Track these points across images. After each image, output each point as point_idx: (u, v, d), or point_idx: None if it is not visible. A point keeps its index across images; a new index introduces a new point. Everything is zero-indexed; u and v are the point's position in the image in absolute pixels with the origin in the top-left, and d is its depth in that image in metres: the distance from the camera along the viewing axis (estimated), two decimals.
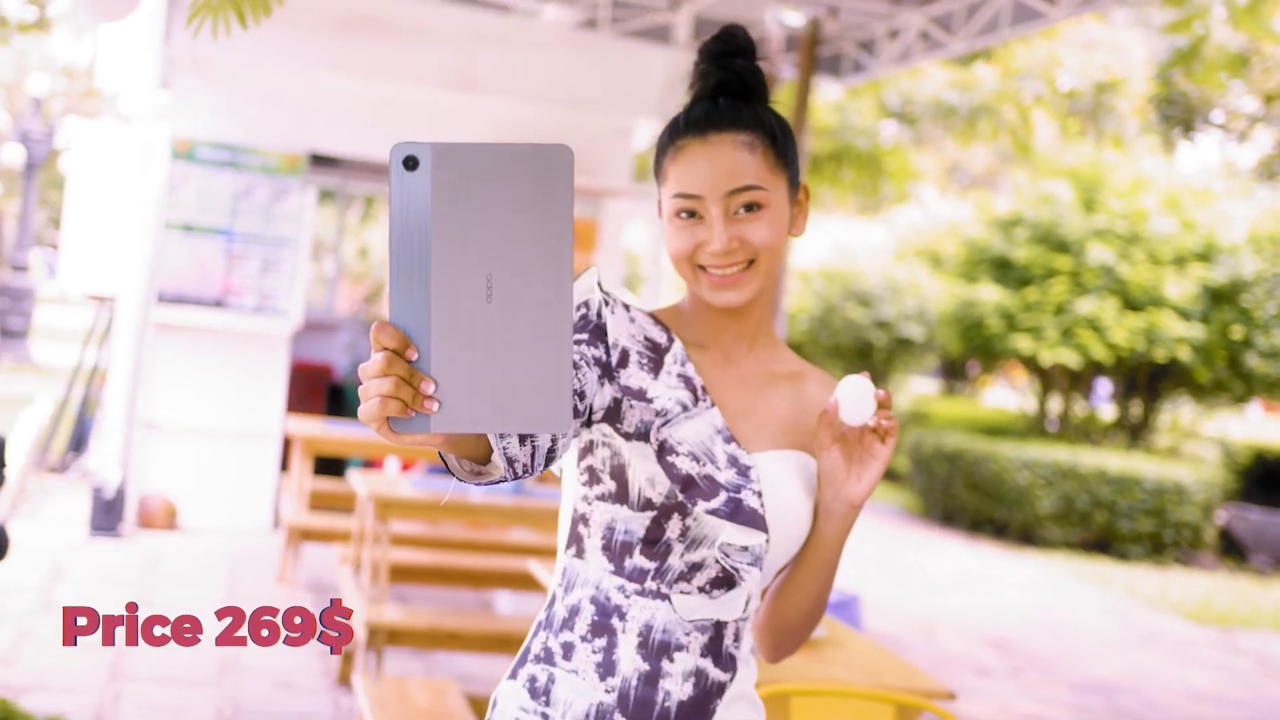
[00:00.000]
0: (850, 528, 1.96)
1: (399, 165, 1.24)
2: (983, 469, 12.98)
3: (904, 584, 10.31)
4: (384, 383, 1.25)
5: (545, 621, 1.96)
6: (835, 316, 17.35)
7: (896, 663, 3.59)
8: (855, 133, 15.00)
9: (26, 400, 13.55)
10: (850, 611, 4.91)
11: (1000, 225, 14.35)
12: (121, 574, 7.39)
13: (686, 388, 1.93)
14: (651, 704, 1.87)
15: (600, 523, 1.92)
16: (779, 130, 1.96)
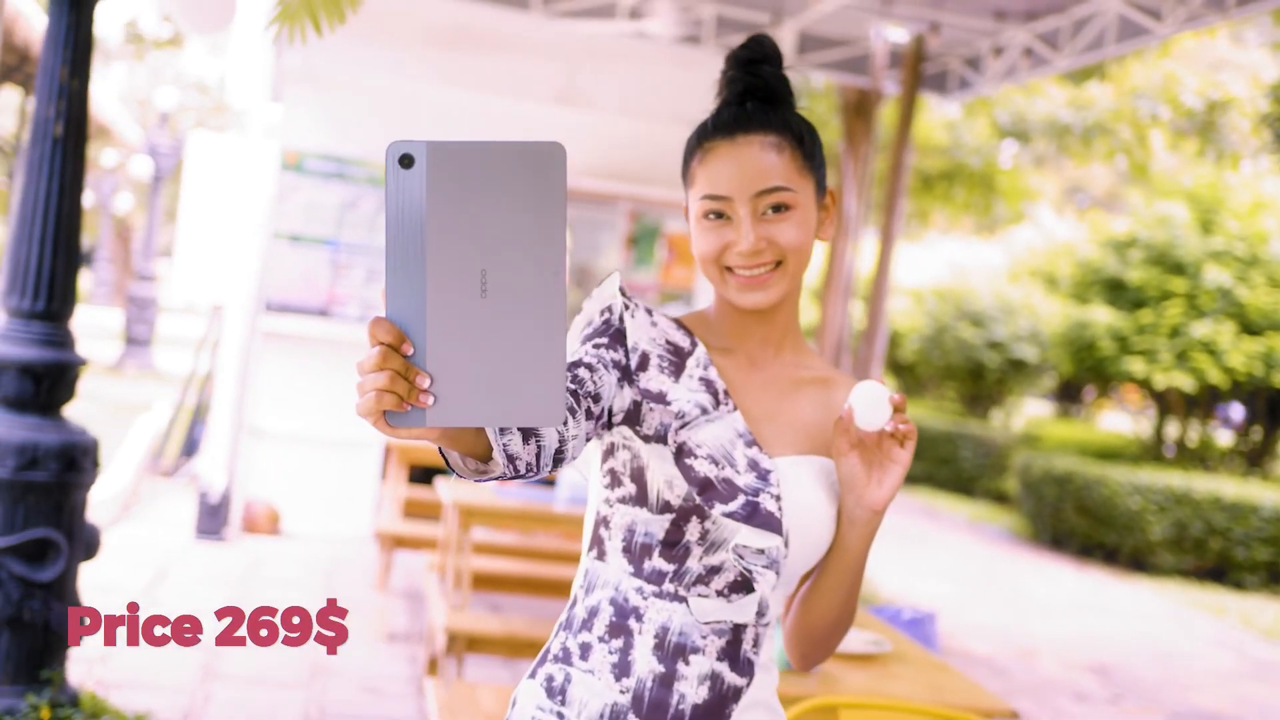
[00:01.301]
0: (873, 534, 1.94)
1: (395, 163, 1.26)
2: (1093, 493, 12.76)
3: (1008, 607, 10.17)
4: (379, 377, 1.27)
5: (565, 622, 1.97)
6: (947, 336, 17.18)
7: (962, 681, 3.55)
8: (968, 151, 14.85)
9: (147, 406, 13.85)
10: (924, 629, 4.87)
11: (1114, 246, 14.11)
12: (222, 577, 7.53)
13: (707, 391, 1.93)
14: (665, 706, 1.87)
15: (621, 525, 1.93)
16: (806, 134, 1.97)
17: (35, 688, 4.54)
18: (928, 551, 12.37)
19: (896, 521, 14.11)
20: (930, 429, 16.88)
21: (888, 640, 3.80)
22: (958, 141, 15.05)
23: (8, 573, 4.43)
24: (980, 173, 15.03)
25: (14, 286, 4.57)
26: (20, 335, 4.53)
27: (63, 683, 4.64)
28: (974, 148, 14.93)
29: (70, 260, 4.60)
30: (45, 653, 4.60)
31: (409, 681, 6.06)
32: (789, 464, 1.93)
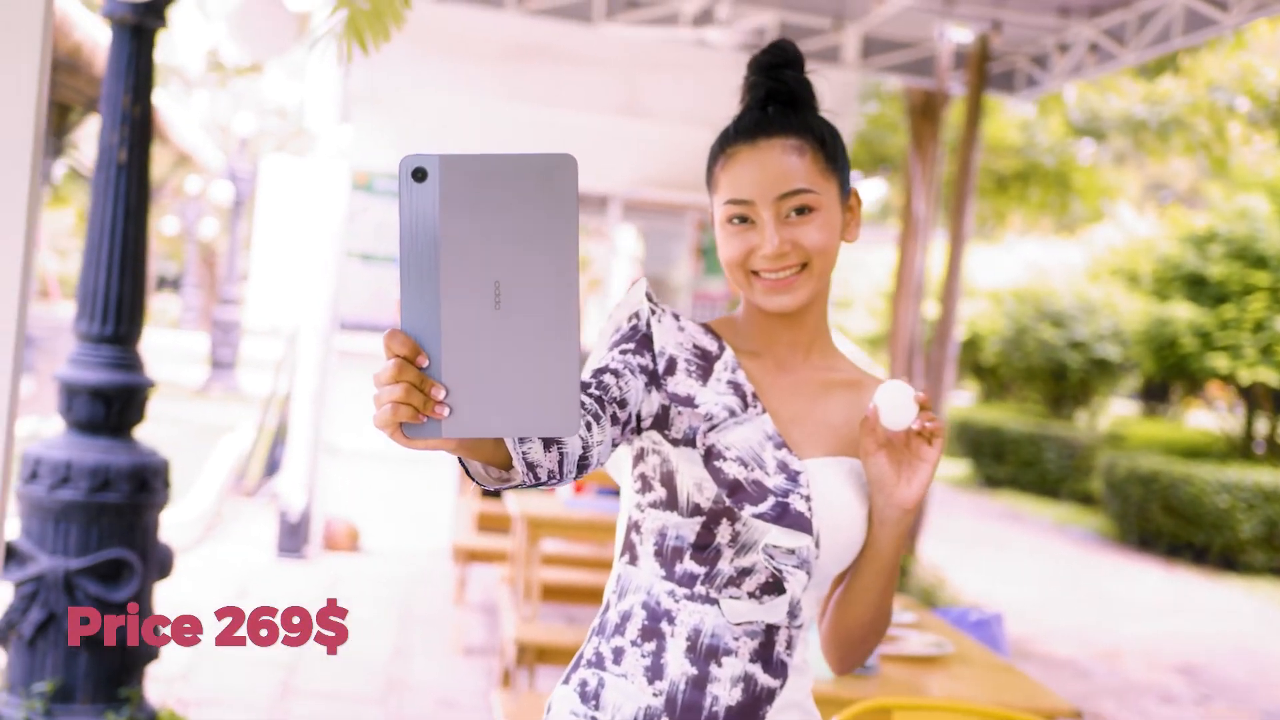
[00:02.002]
0: (905, 533, 1.94)
1: (408, 176, 1.27)
2: (1179, 492, 12.57)
3: (1093, 609, 10.05)
4: (395, 389, 1.28)
5: (599, 628, 1.98)
6: (1028, 338, 17.01)
7: (1025, 682, 3.52)
8: (1041, 151, 14.70)
9: (231, 428, 14.04)
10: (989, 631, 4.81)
11: (1194, 241, 13.90)
12: (302, 595, 7.61)
13: (736, 394, 1.94)
14: (699, 708, 1.87)
15: (652, 529, 1.93)
16: (828, 135, 1.97)
17: (114, 706, 4.62)
18: (1012, 555, 12.25)
19: (980, 526, 13.99)
20: (1013, 431, 16.71)
21: (950, 642, 3.78)
22: (1031, 141, 14.91)
23: (84, 593, 4.51)
24: (1055, 172, 14.87)
25: (84, 311, 4.66)
26: (90, 359, 4.62)
27: (141, 701, 4.72)
28: (1048, 147, 14.77)
29: (137, 284, 4.69)
30: (123, 672, 4.69)
31: (484, 694, 6.10)
32: (819, 465, 1.93)
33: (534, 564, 5.18)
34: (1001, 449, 16.89)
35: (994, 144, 14.71)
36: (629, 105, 9.04)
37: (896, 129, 14.38)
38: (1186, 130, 14.18)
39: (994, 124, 14.61)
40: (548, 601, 6.08)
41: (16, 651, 4.56)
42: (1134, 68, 11.77)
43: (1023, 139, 14.81)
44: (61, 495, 4.52)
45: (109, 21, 4.62)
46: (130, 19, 4.54)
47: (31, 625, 4.50)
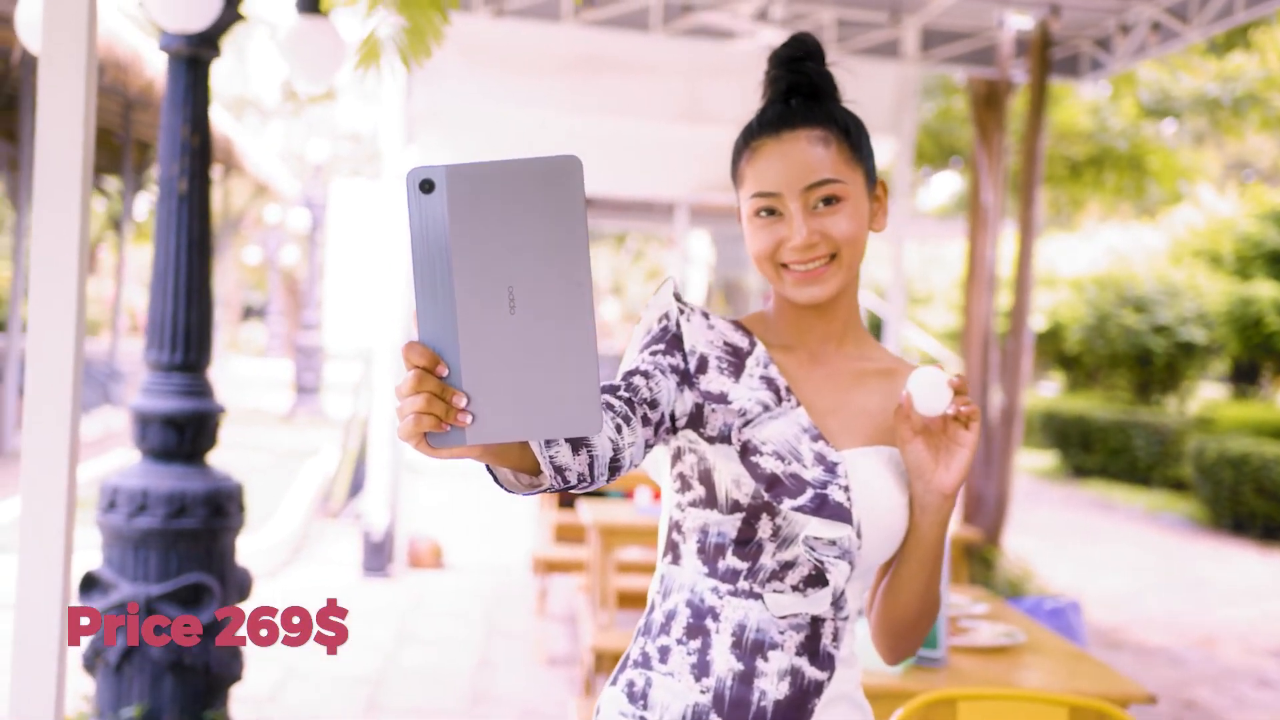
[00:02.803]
0: (947, 519, 1.92)
1: (415, 189, 1.27)
2: (1272, 473, 12.36)
3: (1187, 596, 9.89)
4: (417, 400, 1.28)
5: (644, 628, 1.99)
6: (1110, 324, 16.80)
7: (1098, 669, 3.47)
8: (1114, 135, 14.51)
9: (316, 452, 14.20)
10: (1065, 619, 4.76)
11: (1275, 218, 13.68)
12: (387, 612, 7.68)
13: (769, 388, 1.94)
14: (747, 703, 1.87)
15: (694, 528, 1.94)
16: (852, 126, 1.97)
17: None
18: (1102, 545, 12.10)
19: (1069, 516, 13.84)
20: (1100, 420, 16.50)
21: (1022, 632, 3.74)
22: (1103, 125, 14.72)
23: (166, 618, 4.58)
24: (1128, 155, 14.67)
25: (153, 341, 4.74)
26: (161, 388, 4.69)
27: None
28: (1119, 131, 14.58)
29: (204, 312, 4.76)
30: (208, 694, 4.75)
31: (567, 704, 6.12)
32: (856, 455, 1.93)
33: (609, 572, 5.19)
34: (1089, 438, 16.69)
35: (1065, 130, 14.55)
36: (690, 111, 9.05)
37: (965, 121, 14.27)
38: (1262, 106, 13.95)
39: (1064, 110, 14.45)
40: (625, 608, 6.09)
41: (104, 678, 4.64)
42: (1202, 44, 11.59)
43: (1094, 124, 14.63)
44: (139, 523, 4.60)
45: (165, 55, 4.70)
46: (185, 51, 4.62)
47: (117, 652, 4.57)
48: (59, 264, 2.81)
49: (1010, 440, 8.78)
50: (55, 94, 2.80)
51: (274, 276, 30.90)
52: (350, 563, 8.96)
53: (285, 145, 31.99)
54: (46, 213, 2.81)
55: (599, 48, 8.90)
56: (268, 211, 26.61)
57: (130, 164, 15.10)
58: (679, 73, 9.03)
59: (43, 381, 2.82)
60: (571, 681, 6.43)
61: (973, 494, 8.85)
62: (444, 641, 7.09)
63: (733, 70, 9.02)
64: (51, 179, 2.80)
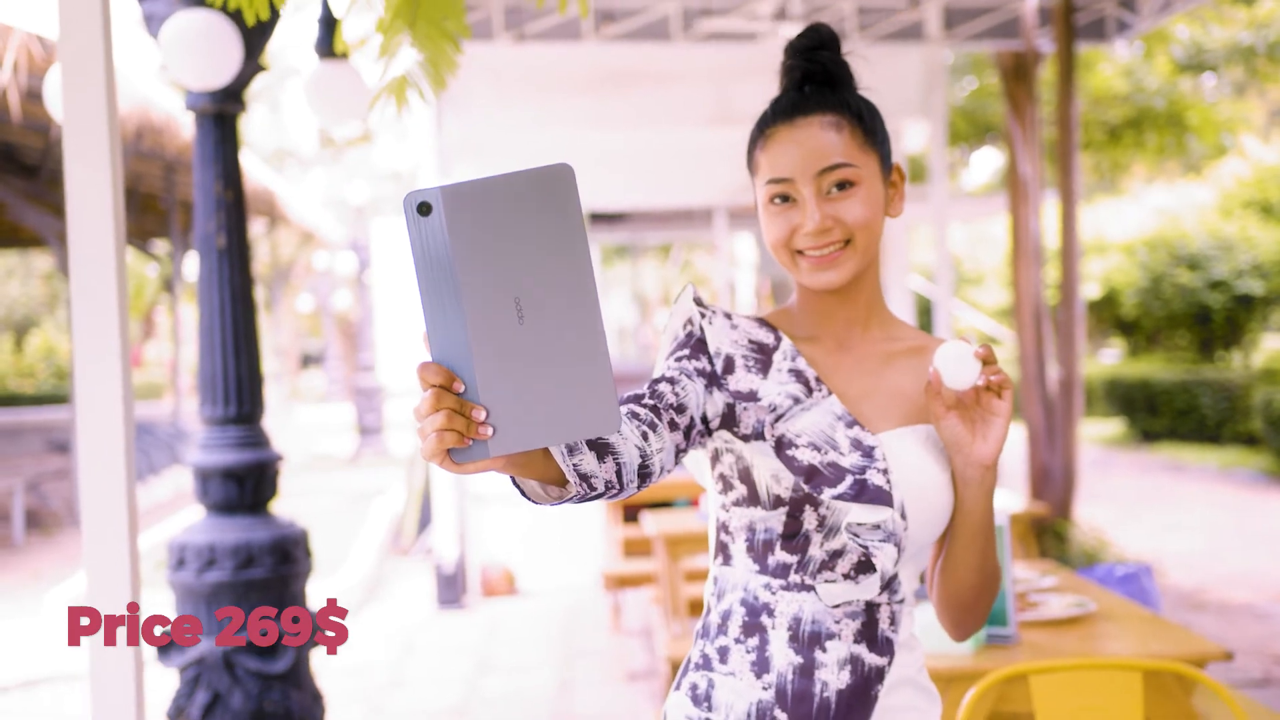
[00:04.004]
0: (991, 491, 1.91)
1: (413, 212, 1.29)
2: None
3: (1266, 551, 9.76)
4: (437, 418, 1.29)
5: (702, 630, 2.00)
6: (1165, 285, 16.65)
7: (1173, 631, 3.44)
8: (1150, 94, 14.39)
9: (384, 492, 14.28)
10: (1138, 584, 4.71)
11: None
12: (465, 643, 7.70)
13: (798, 381, 1.95)
14: (810, 696, 1.88)
15: (740, 527, 1.95)
16: (866, 112, 1.98)
17: None
18: (1176, 507, 11.97)
19: (1141, 482, 13.70)
20: (1164, 382, 16.34)
21: (1092, 601, 3.71)
22: (1139, 86, 14.60)
23: (244, 669, 4.62)
24: (1166, 113, 14.53)
25: (205, 396, 4.78)
26: (218, 442, 4.73)
27: None
28: (1156, 89, 14.45)
29: (253, 363, 4.80)
30: None
31: (652, 717, 6.12)
32: (893, 437, 1.93)
33: (678, 581, 5.20)
34: (1154, 401, 16.52)
35: (1099, 94, 14.43)
36: (719, 115, 9.05)
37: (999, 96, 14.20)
38: None
39: (1096, 75, 14.34)
40: (697, 616, 6.09)
41: None
42: None
43: (1129, 85, 14.51)
44: (209, 578, 4.64)
45: (192, 114, 4.75)
46: (210, 108, 4.66)
47: (199, 707, 4.62)
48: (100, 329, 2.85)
49: (1072, 411, 8.71)
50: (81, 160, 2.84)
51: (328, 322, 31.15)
52: (425, 597, 9.01)
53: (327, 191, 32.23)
54: (84, 278, 2.85)
55: (623, 62, 8.92)
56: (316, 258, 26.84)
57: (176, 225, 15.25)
58: (705, 78, 9.04)
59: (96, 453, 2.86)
60: (653, 694, 6.43)
61: (1039, 468, 8.79)
62: (524, 667, 7.11)
63: (758, 69, 9.00)
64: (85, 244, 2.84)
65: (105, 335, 2.86)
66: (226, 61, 4.30)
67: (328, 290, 29.09)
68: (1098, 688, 2.67)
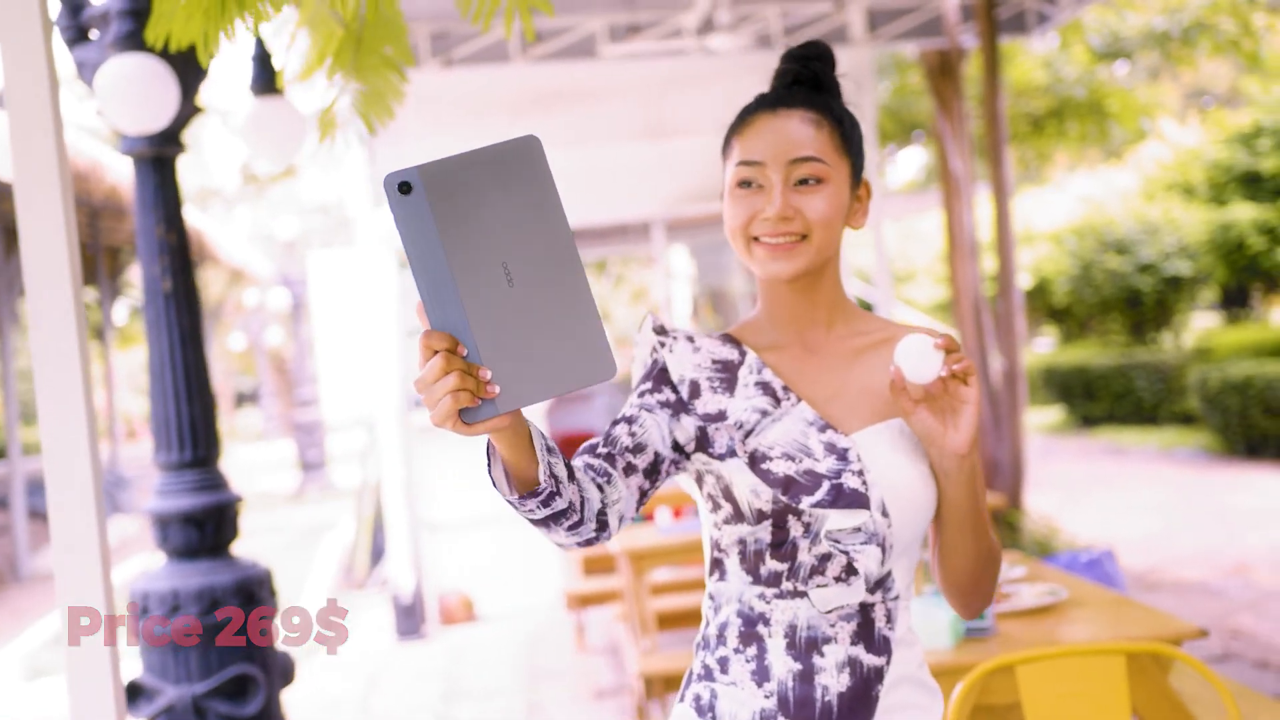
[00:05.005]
0: (971, 478, 1.91)
1: (395, 192, 1.36)
2: (1277, 391, 12.36)
3: (1214, 527, 9.89)
4: (449, 380, 1.37)
5: (702, 642, 2.02)
6: (1095, 271, 16.85)
7: (1143, 612, 3.49)
8: (1070, 84, 14.57)
9: (332, 526, 14.19)
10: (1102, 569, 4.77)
11: (1241, 140, 13.71)
12: (429, 671, 7.67)
13: (765, 393, 1.98)
14: (811, 701, 1.89)
15: (732, 543, 1.97)
16: (847, 120, 2.02)
17: None
18: (1123, 490, 12.11)
19: (1085, 467, 13.85)
20: (1100, 367, 16.53)
21: (1063, 588, 3.75)
22: (1058, 77, 14.78)
23: (215, 714, 4.58)
24: (1087, 102, 14.71)
25: (160, 442, 4.73)
26: (175, 487, 4.69)
27: None
28: (1075, 79, 14.64)
29: (206, 406, 4.76)
30: None
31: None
32: (867, 436, 1.95)
33: (644, 596, 5.20)
34: (1091, 386, 16.71)
35: (1021, 87, 14.60)
36: (652, 128, 9.08)
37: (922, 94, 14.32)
38: (1211, 32, 13.98)
39: (1016, 68, 14.50)
40: (665, 630, 6.09)
41: None
42: None
43: (1049, 76, 14.68)
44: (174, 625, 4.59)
45: (130, 158, 4.70)
46: (148, 152, 4.62)
47: None
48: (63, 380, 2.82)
49: (1016, 401, 8.79)
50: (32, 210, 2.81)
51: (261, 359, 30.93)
52: (384, 629, 8.95)
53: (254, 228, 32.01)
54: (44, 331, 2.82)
55: (552, 81, 8.93)
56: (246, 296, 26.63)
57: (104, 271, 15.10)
58: (635, 92, 9.06)
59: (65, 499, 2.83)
60: (622, 711, 6.42)
61: (987, 459, 8.86)
62: (491, 692, 7.09)
63: (687, 81, 9.05)
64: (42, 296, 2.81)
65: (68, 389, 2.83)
66: (163, 104, 4.27)
67: (259, 327, 28.86)
68: (1082, 673, 2.70)
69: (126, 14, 4.39)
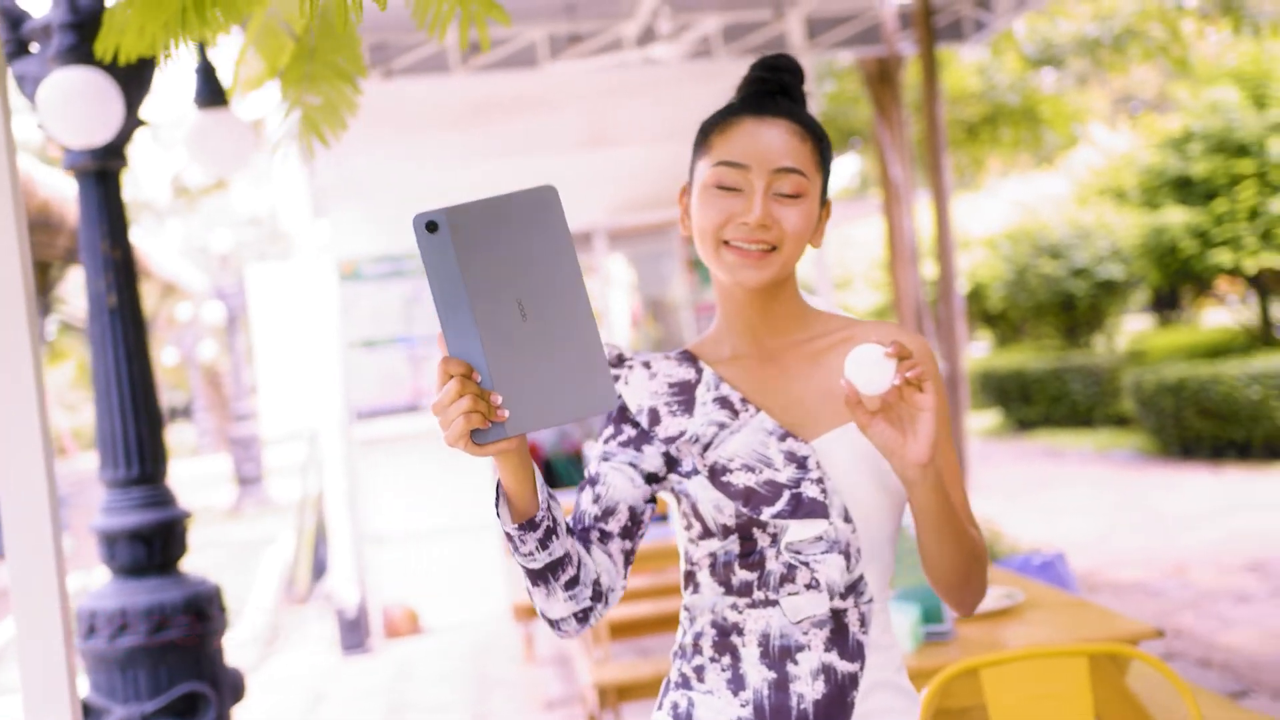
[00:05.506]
0: (937, 485, 1.81)
1: (423, 230, 1.49)
2: (1210, 393, 12.51)
3: (1151, 528, 10.00)
4: (463, 402, 1.49)
5: (679, 651, 2.03)
6: (1029, 275, 17.01)
7: (1099, 614, 3.52)
8: (1003, 91, 14.73)
9: (271, 541, 14.07)
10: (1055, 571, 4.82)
11: (1172, 144, 13.88)
12: (375, 686, 7.62)
13: (724, 408, 1.98)
14: (787, 709, 1.89)
15: (704, 557, 1.98)
16: (824, 140, 2.02)
17: None
18: (1061, 492, 12.22)
19: (1023, 470, 13.96)
20: (1036, 371, 16.69)
21: (1019, 591, 3.78)
22: (991, 84, 14.93)
23: None
24: (1020, 108, 14.88)
25: (106, 459, 4.68)
26: (122, 504, 4.63)
27: None
28: (1008, 85, 14.80)
29: (153, 422, 4.71)
30: None
31: None
32: (827, 441, 1.94)
33: None
34: (1027, 390, 16.87)
35: (956, 94, 14.74)
36: (593, 138, 9.07)
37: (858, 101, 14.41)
38: (1141, 38, 14.18)
39: (951, 74, 14.64)
40: (618, 639, 6.08)
41: None
42: None
43: (982, 83, 14.83)
44: (123, 643, 4.54)
45: (73, 173, 4.64)
46: (92, 166, 4.57)
47: None
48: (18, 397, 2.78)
49: (958, 405, 8.86)
50: None
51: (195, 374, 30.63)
52: (328, 644, 8.89)
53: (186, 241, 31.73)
54: None
55: (493, 91, 8.90)
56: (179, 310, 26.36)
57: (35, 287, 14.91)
58: (576, 102, 9.05)
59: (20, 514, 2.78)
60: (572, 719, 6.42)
61: None
62: (438, 705, 7.05)
63: (628, 90, 9.05)
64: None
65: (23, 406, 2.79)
66: (108, 118, 4.22)
67: (193, 342, 28.58)
68: (1046, 675, 2.72)
69: (69, 27, 4.34)
